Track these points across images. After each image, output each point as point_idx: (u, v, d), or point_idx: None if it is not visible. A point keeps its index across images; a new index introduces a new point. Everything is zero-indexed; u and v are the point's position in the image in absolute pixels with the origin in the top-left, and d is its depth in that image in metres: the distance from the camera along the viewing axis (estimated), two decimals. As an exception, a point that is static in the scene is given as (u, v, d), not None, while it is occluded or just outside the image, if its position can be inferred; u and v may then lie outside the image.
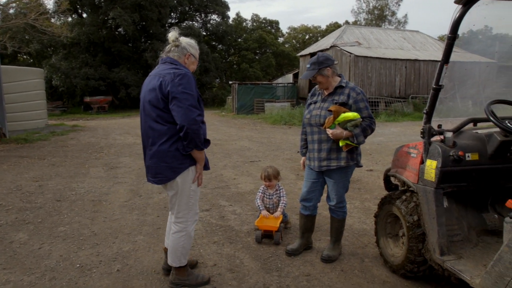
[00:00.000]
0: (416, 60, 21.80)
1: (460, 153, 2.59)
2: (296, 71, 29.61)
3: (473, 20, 2.32)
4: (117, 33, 31.68)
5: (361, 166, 3.53)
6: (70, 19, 32.19)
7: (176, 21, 37.23)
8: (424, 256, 2.86)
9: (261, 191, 4.30)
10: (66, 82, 28.63)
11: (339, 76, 3.39)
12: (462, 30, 2.39)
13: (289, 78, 30.92)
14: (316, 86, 3.53)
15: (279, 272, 3.31)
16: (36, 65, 30.97)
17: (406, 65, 21.55)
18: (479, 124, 2.99)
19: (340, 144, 3.23)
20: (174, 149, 2.75)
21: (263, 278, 3.22)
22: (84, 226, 4.47)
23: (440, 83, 2.57)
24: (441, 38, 31.22)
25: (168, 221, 3.21)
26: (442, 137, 2.72)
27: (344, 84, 3.32)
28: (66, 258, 3.62)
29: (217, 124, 17.75)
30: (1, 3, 16.33)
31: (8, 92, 13.50)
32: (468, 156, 2.64)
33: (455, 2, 2.23)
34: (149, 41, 32.82)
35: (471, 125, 2.92)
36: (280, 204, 4.15)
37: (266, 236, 3.95)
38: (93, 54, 31.49)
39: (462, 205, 2.91)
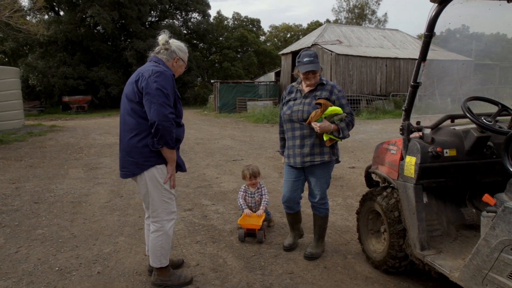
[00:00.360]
0: (396, 58, 22.14)
1: (438, 149, 2.64)
2: (278, 69, 29.68)
3: (449, 18, 2.37)
4: (95, 31, 31.12)
5: (340, 162, 3.58)
6: (46, 16, 31.43)
7: (156, 19, 36.82)
8: (405, 251, 2.90)
9: (242, 190, 4.29)
10: (44, 82, 27.95)
11: None
12: (440, 29, 2.43)
13: (271, 76, 30.99)
14: (294, 84, 3.56)
15: (262, 271, 3.31)
16: (12, 64, 30.15)
17: (387, 63, 21.86)
18: (457, 121, 3.05)
19: (324, 138, 3.25)
20: (142, 145, 2.72)
21: (246, 277, 3.21)
22: (63, 228, 4.37)
23: (418, 81, 2.61)
24: (420, 37, 31.78)
25: (145, 225, 3.17)
26: (420, 133, 2.76)
27: (325, 82, 3.40)
28: (45, 261, 3.53)
29: (199, 123, 17.64)
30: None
31: (-18, 92, 13.11)
32: (446, 152, 2.69)
33: (431, 1, 2.26)
34: (129, 40, 32.34)
35: (449, 121, 2.98)
36: (262, 202, 4.16)
37: (249, 235, 3.94)
38: (71, 53, 30.85)
39: (441, 201, 2.96)
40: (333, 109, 3.16)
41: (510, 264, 1.98)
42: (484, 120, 2.58)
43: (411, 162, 2.72)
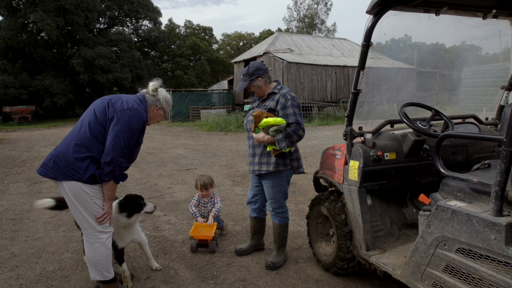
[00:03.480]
0: (345, 66, 22.98)
1: (379, 153, 2.77)
2: (231, 77, 29.82)
3: (384, 29, 2.51)
4: (39, 38, 29.63)
5: (302, 173, 3.54)
6: (-17, 22, 29.55)
7: (105, 26, 35.73)
8: (352, 252, 3.00)
9: (196, 199, 4.26)
10: (-19, 91, 26.17)
11: (275, 81, 3.49)
12: (376, 39, 2.57)
13: (224, 84, 31.04)
14: None
15: (214, 280, 3.28)
16: None
17: (336, 71, 22.63)
18: (396, 126, 3.21)
19: (268, 149, 3.31)
20: (75, 158, 2.61)
21: (198, 287, 3.17)
22: (1, 247, 4.09)
23: (358, 88, 2.74)
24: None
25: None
26: (362, 138, 2.88)
27: (276, 91, 3.39)
28: (-20, 284, 3.29)
29: (151, 133, 17.26)
30: None
31: None
32: (387, 156, 2.83)
33: (367, 12, 2.39)
34: (76, 47, 31.10)
35: (389, 126, 3.13)
36: (213, 210, 4.13)
37: (202, 245, 3.89)
38: (12, 60, 29.15)
39: (384, 202, 3.10)
40: (267, 120, 3.16)
41: (444, 258, 2.11)
42: (419, 125, 2.75)
43: (354, 166, 2.83)
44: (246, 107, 20.25)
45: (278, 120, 3.18)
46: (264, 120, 3.17)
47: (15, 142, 14.62)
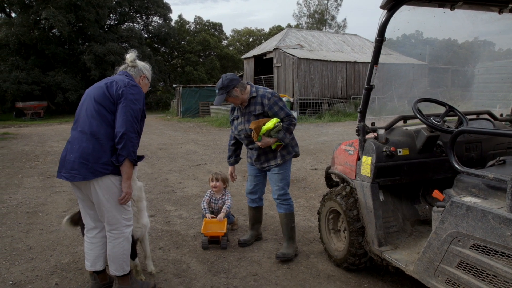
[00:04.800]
0: (355, 62, 22.81)
1: (392, 148, 2.76)
2: (241, 73, 29.79)
3: (398, 24, 2.49)
4: (51, 34, 29.95)
5: (299, 155, 3.73)
6: (-3, 19, 29.97)
7: (116, 22, 35.98)
8: (364, 248, 3.00)
9: (208, 195, 4.30)
10: (-6, 87, 26.59)
11: (248, 84, 3.57)
12: (390, 34, 2.55)
13: (234, 80, 30.96)
14: None
15: (226, 274, 3.31)
16: (-41, 69, 28.41)
17: (347, 67, 22.48)
18: (409, 121, 3.20)
19: (273, 147, 3.51)
20: (98, 151, 2.64)
21: (210, 281, 3.20)
22: (17, 240, 4.17)
23: (371, 83, 2.73)
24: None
25: (87, 238, 2.93)
26: (375, 134, 2.87)
27: (255, 94, 3.51)
28: (-3, 275, 3.36)
29: (162, 128, 17.38)
30: None
31: None
32: (400, 152, 2.81)
33: (381, 7, 2.37)
34: (87, 43, 31.40)
35: (401, 122, 3.11)
36: (224, 206, 4.16)
37: (213, 242, 3.90)
38: (25, 57, 29.53)
39: (397, 198, 3.09)
40: (267, 127, 3.33)
41: (458, 255, 2.11)
42: (433, 120, 2.73)
43: (367, 161, 2.82)
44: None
45: (274, 121, 3.37)
46: (264, 128, 3.34)
47: (28, 137, 14.83)
